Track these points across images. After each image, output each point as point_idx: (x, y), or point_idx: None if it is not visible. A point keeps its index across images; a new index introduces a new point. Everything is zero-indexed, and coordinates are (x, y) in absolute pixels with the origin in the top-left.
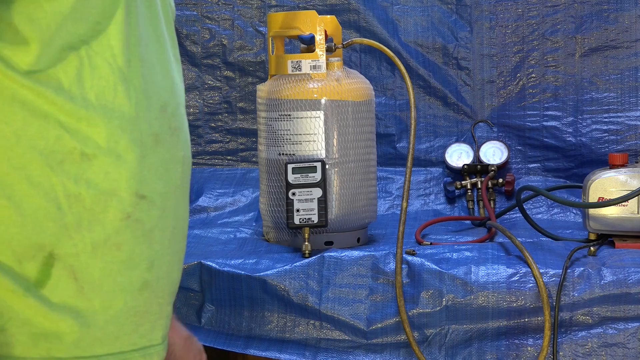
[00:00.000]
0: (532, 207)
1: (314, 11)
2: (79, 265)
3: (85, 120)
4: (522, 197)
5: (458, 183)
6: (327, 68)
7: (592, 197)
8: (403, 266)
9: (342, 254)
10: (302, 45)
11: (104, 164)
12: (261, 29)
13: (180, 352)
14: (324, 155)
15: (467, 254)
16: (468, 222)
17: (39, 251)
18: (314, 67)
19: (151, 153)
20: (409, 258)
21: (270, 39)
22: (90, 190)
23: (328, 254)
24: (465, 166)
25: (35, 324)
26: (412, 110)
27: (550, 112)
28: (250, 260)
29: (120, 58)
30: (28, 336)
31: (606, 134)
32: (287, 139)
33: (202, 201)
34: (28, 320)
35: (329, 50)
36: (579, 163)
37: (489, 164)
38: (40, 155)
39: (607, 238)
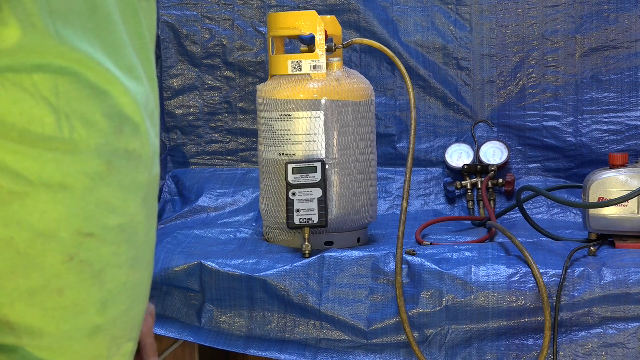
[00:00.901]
0: (532, 207)
1: (314, 11)
2: (14, 315)
3: (10, 154)
4: (522, 197)
5: (458, 183)
6: (327, 68)
7: (592, 197)
8: (403, 266)
9: (342, 254)
10: (302, 45)
11: (38, 202)
12: (261, 29)
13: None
14: (324, 155)
15: (467, 254)
16: (468, 222)
17: None
18: (314, 67)
19: (100, 185)
20: (409, 258)
21: (270, 39)
22: (23, 232)
23: (328, 254)
24: (465, 166)
25: None
26: (412, 110)
27: (550, 112)
28: (250, 260)
29: (44, 85)
30: None
31: (606, 134)
32: (287, 139)
33: (202, 201)
34: None
35: (329, 50)
36: (579, 163)
37: (489, 164)
38: None
39: (607, 238)
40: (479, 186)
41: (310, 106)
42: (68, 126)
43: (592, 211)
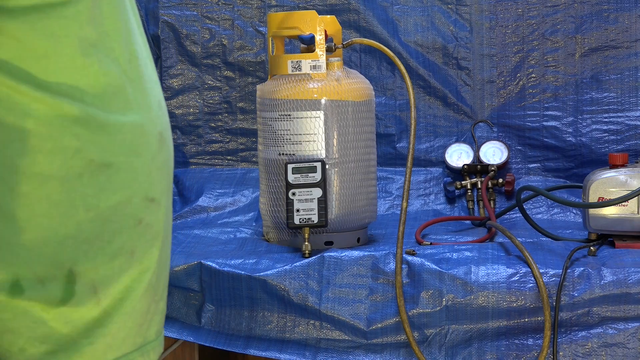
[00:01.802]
0: (532, 207)
1: (314, 11)
2: (98, 278)
3: (100, 129)
4: (522, 197)
5: (458, 183)
6: (327, 68)
7: (592, 197)
8: (403, 266)
9: (342, 254)
10: (302, 45)
11: (119, 171)
12: (261, 29)
13: None
14: (324, 155)
15: (467, 254)
16: (468, 222)
17: (59, 270)
18: (314, 67)
19: (158, 153)
20: (409, 258)
21: (270, 39)
22: (108, 201)
23: (328, 254)
24: (465, 166)
25: (53, 341)
26: (412, 110)
27: (550, 112)
28: (250, 260)
29: (121, 57)
30: (45, 354)
31: (606, 134)
32: (287, 139)
33: (202, 201)
34: (47, 338)
35: (329, 50)
36: (579, 163)
37: (489, 164)
38: (59, 171)
39: (607, 238)
40: (479, 186)
41: (310, 106)
42: (140, 98)
43: (592, 211)
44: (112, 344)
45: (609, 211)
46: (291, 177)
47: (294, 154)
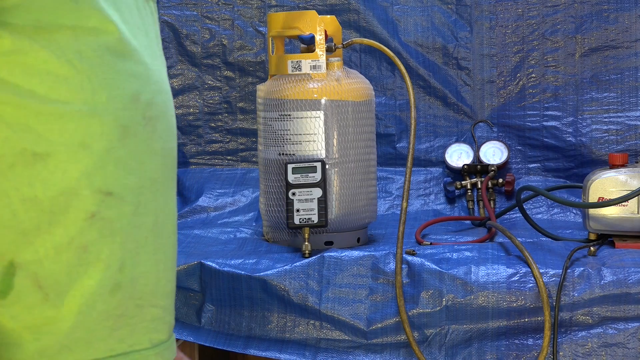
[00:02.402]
0: (532, 207)
1: (314, 11)
2: (43, 272)
3: (34, 117)
4: (522, 197)
5: (458, 183)
6: (327, 68)
7: (592, 197)
8: (403, 266)
9: (342, 254)
10: (302, 45)
11: (60, 162)
12: (261, 29)
13: None
14: (324, 155)
15: (467, 254)
16: (468, 222)
17: None
18: (314, 67)
19: (118, 146)
20: (409, 258)
21: (270, 39)
22: (47, 191)
23: (328, 254)
24: (465, 166)
25: None
26: (412, 110)
27: (550, 112)
28: (250, 260)
29: (68, 47)
30: None
31: (606, 134)
32: (287, 139)
33: (202, 201)
34: None
35: (329, 50)
36: (579, 163)
37: (489, 164)
38: None
39: (607, 238)
40: (479, 186)
41: (310, 106)
42: (90, 89)
43: (592, 211)
44: (69, 345)
45: (609, 211)
46: (291, 177)
47: (294, 154)
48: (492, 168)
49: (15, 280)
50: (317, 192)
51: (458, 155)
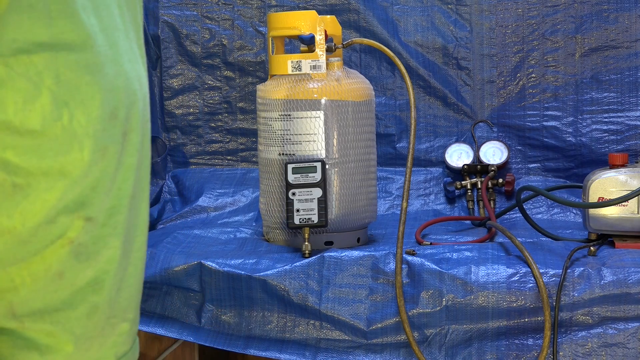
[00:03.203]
0: (532, 207)
1: (314, 11)
2: (18, 300)
3: (11, 148)
4: (522, 197)
5: (458, 183)
6: (327, 68)
7: (592, 197)
8: (403, 266)
9: (342, 254)
10: (302, 45)
11: (40, 192)
12: (261, 29)
13: None
14: (324, 155)
15: (467, 254)
16: (468, 222)
17: None
18: (314, 67)
19: (96, 169)
20: (409, 258)
21: (270, 39)
22: (26, 222)
23: (328, 254)
24: (465, 166)
25: None
26: (412, 110)
27: (550, 112)
28: (250, 260)
29: (47, 75)
30: None
31: (606, 134)
32: (287, 139)
33: (202, 201)
34: None
35: (329, 50)
36: (579, 163)
37: (489, 164)
38: None
39: (607, 238)
40: (479, 186)
41: (310, 106)
42: (68, 114)
43: (592, 211)
44: None
45: (609, 211)
46: (291, 177)
47: (294, 154)
48: (492, 168)
49: None
50: (317, 192)
51: (458, 155)
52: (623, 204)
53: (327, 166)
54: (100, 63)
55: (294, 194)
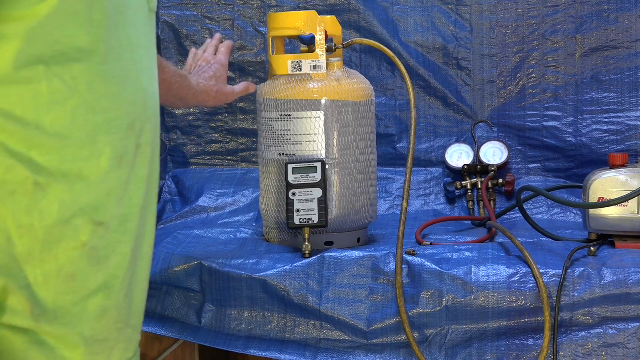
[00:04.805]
0: (532, 207)
1: (314, 11)
2: (32, 298)
3: (37, 148)
4: (522, 197)
5: (458, 183)
6: (327, 68)
7: (592, 197)
8: (403, 266)
9: (342, 254)
10: (302, 45)
11: (59, 192)
12: (261, 29)
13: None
14: (324, 155)
15: (467, 254)
16: (468, 222)
17: None
18: (314, 67)
19: (111, 176)
20: (409, 258)
21: (270, 39)
22: (43, 220)
23: (328, 254)
24: (465, 166)
25: None
26: (412, 110)
27: (550, 112)
28: (250, 260)
29: (81, 80)
30: None
31: (606, 134)
32: (287, 139)
33: (202, 201)
34: None
35: (329, 50)
36: (579, 163)
37: (489, 164)
38: None
39: (607, 238)
40: (479, 186)
41: (310, 106)
42: (93, 120)
43: (592, 211)
44: None
45: (609, 211)
46: (291, 177)
47: (294, 154)
48: (492, 168)
49: (7, 303)
50: (317, 192)
51: (458, 155)
52: (623, 204)
53: (327, 166)
54: (125, 76)
55: (294, 194)
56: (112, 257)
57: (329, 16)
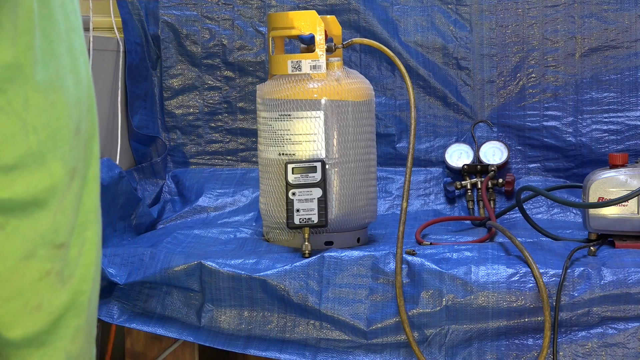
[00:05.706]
0: (532, 207)
1: (314, 11)
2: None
3: None
4: (522, 197)
5: (458, 183)
6: (327, 68)
7: (592, 197)
8: (403, 266)
9: (342, 254)
10: (302, 45)
11: (19, 228)
12: (261, 29)
13: None
14: (324, 155)
15: (467, 254)
16: (468, 222)
17: None
18: (314, 67)
19: (66, 193)
20: (409, 258)
21: (270, 39)
22: (6, 261)
23: (328, 254)
24: (465, 166)
25: None
26: (412, 110)
27: (550, 112)
28: (250, 260)
29: (16, 102)
30: None
31: (606, 134)
32: (287, 139)
33: (202, 201)
34: None
35: (329, 50)
36: (579, 163)
37: (489, 164)
38: None
39: (607, 238)
40: (479, 186)
41: (310, 106)
42: (36, 140)
43: (592, 211)
44: None
45: (609, 211)
46: (291, 177)
47: (294, 154)
48: (492, 168)
49: None
50: (317, 192)
51: (458, 155)
52: (623, 204)
53: (327, 166)
54: (62, 76)
55: (294, 194)
56: (75, 273)
57: (329, 16)
